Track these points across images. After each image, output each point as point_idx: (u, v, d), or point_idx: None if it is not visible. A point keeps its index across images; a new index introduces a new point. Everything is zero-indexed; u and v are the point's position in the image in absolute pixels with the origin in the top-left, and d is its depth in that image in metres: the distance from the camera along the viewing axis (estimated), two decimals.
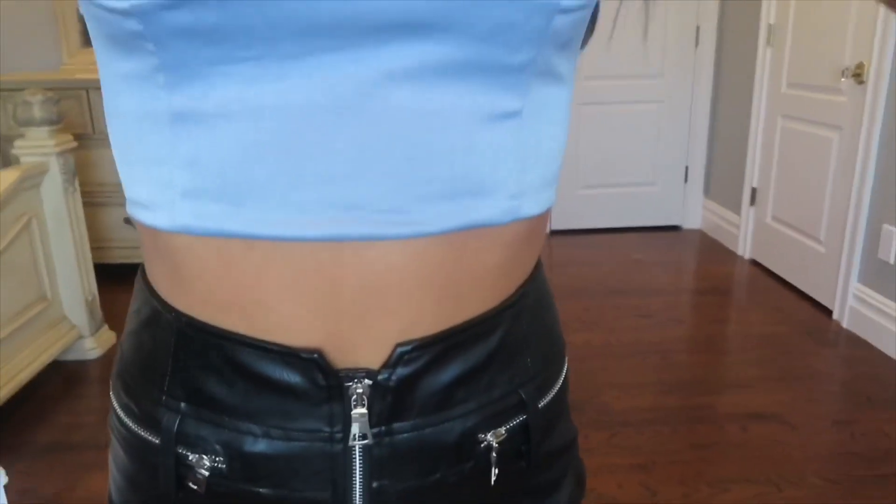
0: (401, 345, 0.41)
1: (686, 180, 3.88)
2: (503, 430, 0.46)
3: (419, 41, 0.35)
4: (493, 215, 0.40)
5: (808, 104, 2.86)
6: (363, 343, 0.41)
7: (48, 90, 2.32)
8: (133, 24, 0.35)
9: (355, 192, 0.37)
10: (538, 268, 0.49)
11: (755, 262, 3.34)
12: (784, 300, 2.90)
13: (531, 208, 0.42)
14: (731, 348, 2.53)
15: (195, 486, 0.44)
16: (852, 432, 1.92)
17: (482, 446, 0.45)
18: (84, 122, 3.04)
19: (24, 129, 2.28)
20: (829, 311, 2.71)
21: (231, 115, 0.36)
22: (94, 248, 2.58)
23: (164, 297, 0.44)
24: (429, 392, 0.43)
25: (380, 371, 0.41)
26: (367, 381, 0.41)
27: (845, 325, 2.60)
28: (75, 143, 2.41)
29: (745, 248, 3.43)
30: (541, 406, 0.48)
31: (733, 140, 3.53)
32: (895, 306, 2.35)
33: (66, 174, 2.33)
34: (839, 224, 2.67)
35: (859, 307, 2.54)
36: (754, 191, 3.33)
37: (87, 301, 2.45)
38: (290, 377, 0.41)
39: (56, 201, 2.32)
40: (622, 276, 3.22)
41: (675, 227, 3.96)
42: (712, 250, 3.60)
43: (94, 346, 2.47)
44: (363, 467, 0.43)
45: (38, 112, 2.25)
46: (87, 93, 3.02)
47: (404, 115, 0.36)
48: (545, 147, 0.42)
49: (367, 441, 0.42)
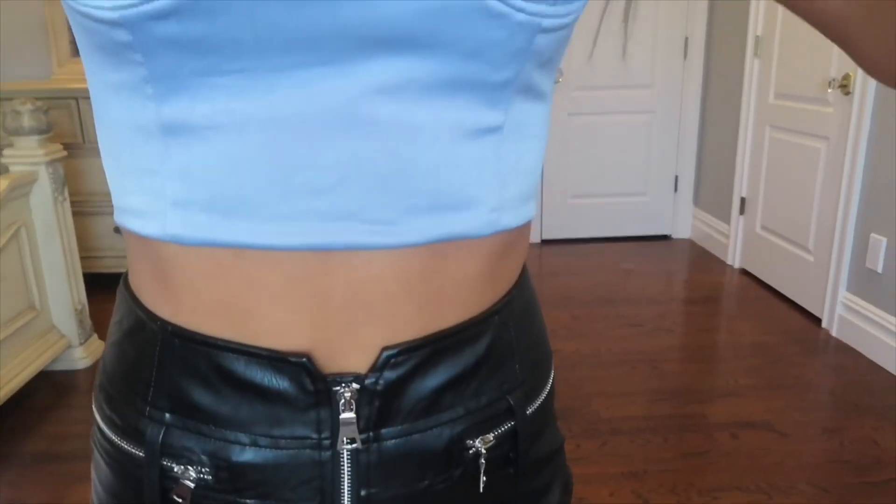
0: (387, 348, 0.41)
1: (676, 190, 3.91)
2: (491, 437, 0.46)
3: (405, 57, 0.35)
4: (474, 227, 0.41)
5: (796, 115, 2.89)
6: (350, 349, 0.41)
7: (38, 99, 2.32)
8: (122, 35, 0.35)
9: (342, 204, 0.38)
10: (523, 276, 0.50)
11: (745, 272, 3.36)
12: (773, 309, 2.92)
13: (510, 221, 0.43)
14: (722, 357, 2.54)
15: (180, 499, 0.43)
16: (842, 440, 1.93)
17: (471, 453, 0.45)
18: (74, 132, 3.03)
19: (13, 138, 2.27)
20: (819, 320, 2.73)
21: (219, 127, 0.36)
22: (83, 258, 2.57)
23: (149, 306, 0.44)
24: (416, 397, 0.43)
25: (367, 375, 0.41)
26: (355, 385, 0.41)
27: (834, 333, 2.62)
28: (65, 153, 2.40)
29: (734, 258, 3.45)
30: (529, 413, 0.48)
31: (722, 150, 3.56)
32: (883, 315, 2.37)
33: (55, 183, 2.32)
34: (827, 233, 2.69)
35: (848, 316, 2.56)
36: (743, 200, 3.36)
37: (76, 310, 2.43)
38: (279, 383, 0.41)
39: (45, 210, 2.31)
40: (612, 285, 3.23)
41: (664, 237, 3.98)
42: (702, 260, 3.62)
43: (83, 355, 2.46)
44: (351, 474, 0.43)
45: (27, 121, 2.24)
46: (78, 102, 3.01)
47: (390, 129, 0.37)
48: (524, 161, 0.43)
49: (355, 445, 0.42)
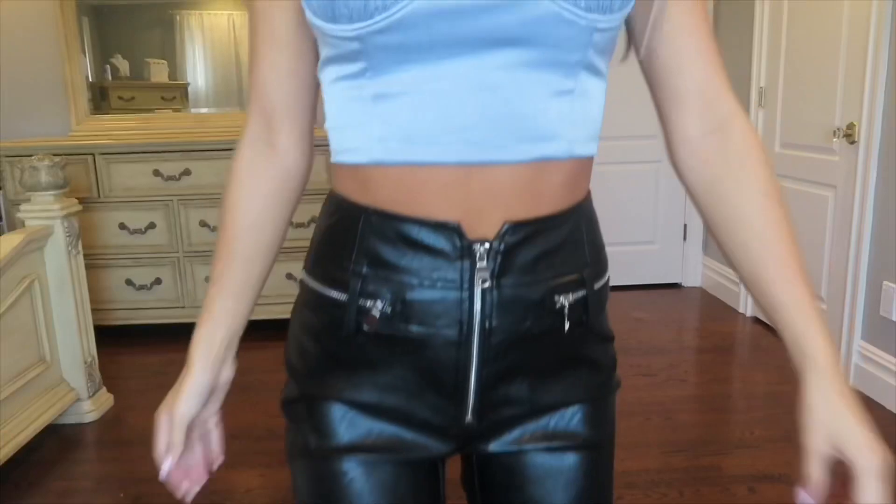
0: (507, 223, 0.62)
1: (685, 238, 3.91)
2: (572, 296, 0.66)
3: (514, 47, 0.58)
4: (557, 153, 0.63)
5: (802, 164, 2.91)
6: (483, 224, 0.62)
7: (56, 155, 2.36)
8: (355, 45, 0.58)
9: (478, 136, 0.60)
10: (589, 196, 0.70)
11: (757, 320, 3.33)
12: (788, 358, 2.87)
13: (581, 151, 0.64)
14: (736, 407, 2.50)
15: (368, 328, 0.64)
16: None
17: (557, 307, 0.65)
18: (90, 186, 3.09)
19: (30, 193, 2.32)
20: None
21: (407, 93, 0.60)
22: (93, 310, 2.58)
23: (354, 201, 0.65)
24: (523, 260, 0.64)
25: (494, 240, 0.62)
26: (486, 245, 0.62)
27: (851, 383, 2.58)
28: (80, 207, 2.44)
29: (746, 306, 3.42)
30: (595, 288, 0.68)
31: None
32: None
33: (69, 237, 2.35)
34: (840, 281, 2.68)
35: (864, 365, 2.52)
36: None
37: (85, 363, 2.43)
38: (439, 242, 0.62)
39: (59, 263, 2.34)
40: (624, 334, 3.21)
41: (675, 285, 3.96)
42: (713, 308, 3.59)
43: (91, 408, 2.44)
44: (481, 310, 0.63)
45: (44, 177, 2.29)
46: (94, 158, 3.08)
47: (505, 91, 0.59)
48: (589, 114, 0.64)
49: (486, 285, 0.62)
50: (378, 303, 0.63)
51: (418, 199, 0.62)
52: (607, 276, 0.72)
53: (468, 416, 0.67)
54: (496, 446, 0.70)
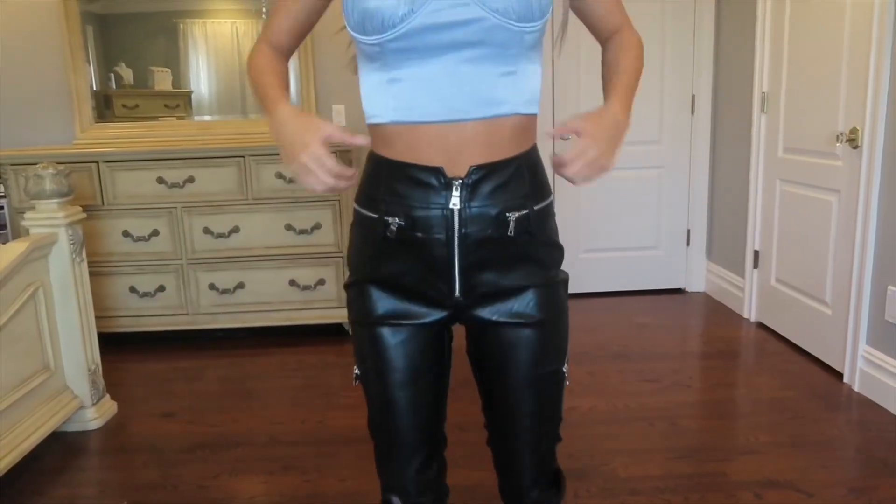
0: (472, 166, 0.97)
1: (688, 244, 3.91)
2: (517, 214, 1.00)
3: (474, 48, 0.93)
4: (505, 112, 0.98)
5: (806, 168, 2.91)
6: (458, 167, 0.97)
7: (60, 164, 2.38)
8: (374, 49, 0.94)
9: (453, 104, 0.95)
10: (534, 147, 1.05)
11: (761, 325, 3.32)
12: (793, 363, 2.87)
13: (523, 110, 1.00)
14: (741, 413, 2.48)
15: (390, 234, 1.00)
16: (870, 500, 1.87)
17: (508, 220, 1.00)
18: (94, 194, 3.10)
19: (35, 201, 2.32)
20: (840, 375, 2.68)
21: (408, 79, 0.95)
22: (97, 317, 2.58)
23: (379, 154, 1.02)
24: (484, 191, 0.98)
25: (464, 178, 0.97)
26: (459, 181, 0.97)
27: (856, 388, 2.56)
28: (84, 215, 2.44)
29: (750, 311, 3.41)
30: (535, 209, 1.03)
31: (733, 204, 3.57)
32: None
33: (74, 244, 2.36)
34: (844, 286, 2.67)
35: (869, 370, 2.51)
36: (757, 253, 3.34)
37: (89, 370, 2.44)
38: (430, 180, 0.97)
39: (63, 271, 2.34)
40: (627, 340, 3.20)
41: (678, 290, 3.95)
42: (717, 313, 3.58)
43: (95, 416, 2.44)
44: (458, 222, 0.98)
45: (49, 185, 2.30)
46: (98, 165, 3.09)
47: (470, 75, 0.94)
48: (527, 86, 0.99)
49: (460, 206, 0.98)
50: (396, 219, 1.00)
51: (416, 150, 0.98)
52: (548, 201, 1.06)
53: (456, 293, 1.03)
54: (480, 314, 1.04)
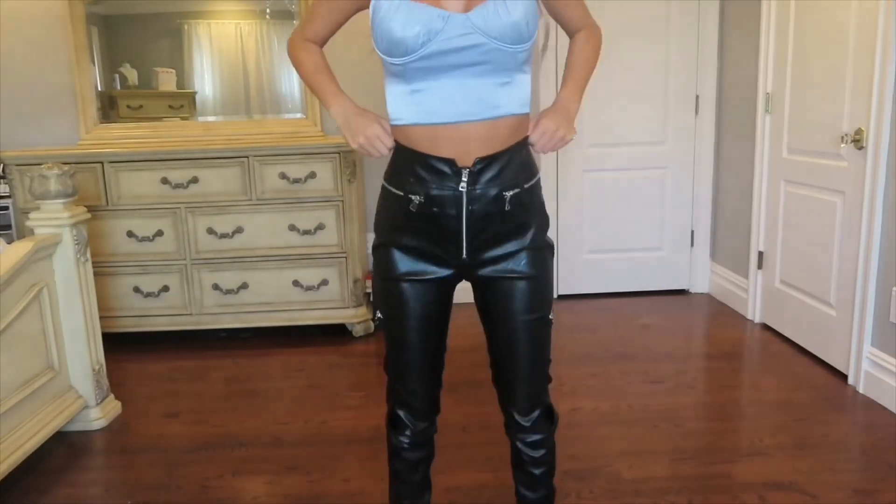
0: (477, 158, 1.25)
1: (692, 245, 3.90)
2: (511, 192, 1.28)
3: (478, 66, 1.22)
4: (502, 114, 1.25)
5: (810, 169, 2.90)
6: (466, 158, 1.25)
7: (65, 164, 2.38)
8: (399, 68, 1.22)
9: (462, 109, 1.23)
10: (526, 141, 1.31)
11: (766, 326, 3.31)
12: (797, 365, 2.86)
13: (516, 111, 1.26)
14: (745, 415, 2.48)
15: (412, 209, 1.28)
16: (875, 502, 1.86)
17: (505, 197, 1.28)
18: (98, 194, 3.11)
19: (39, 201, 2.33)
20: (844, 376, 2.67)
21: (428, 90, 1.23)
22: (101, 318, 2.59)
23: (404, 145, 1.29)
24: (486, 177, 1.26)
25: (471, 167, 1.25)
26: (467, 170, 1.25)
27: (861, 390, 2.55)
28: (89, 215, 2.45)
29: (754, 312, 3.40)
30: (525, 187, 1.31)
31: (737, 204, 3.56)
32: None
33: (78, 244, 2.36)
34: (849, 287, 2.66)
35: (874, 372, 2.50)
36: (761, 254, 3.34)
37: (94, 370, 2.44)
38: (444, 168, 1.25)
39: (67, 271, 2.35)
40: (630, 341, 3.19)
41: (682, 291, 3.95)
42: (721, 314, 3.57)
43: (99, 416, 2.45)
44: (466, 201, 1.26)
45: (53, 185, 2.30)
46: (103, 166, 3.10)
47: (475, 87, 1.22)
48: (519, 93, 1.26)
49: (467, 188, 1.26)
50: (418, 196, 1.27)
51: (433, 144, 1.25)
52: (536, 178, 1.35)
53: (464, 254, 1.31)
54: (483, 272, 1.33)
